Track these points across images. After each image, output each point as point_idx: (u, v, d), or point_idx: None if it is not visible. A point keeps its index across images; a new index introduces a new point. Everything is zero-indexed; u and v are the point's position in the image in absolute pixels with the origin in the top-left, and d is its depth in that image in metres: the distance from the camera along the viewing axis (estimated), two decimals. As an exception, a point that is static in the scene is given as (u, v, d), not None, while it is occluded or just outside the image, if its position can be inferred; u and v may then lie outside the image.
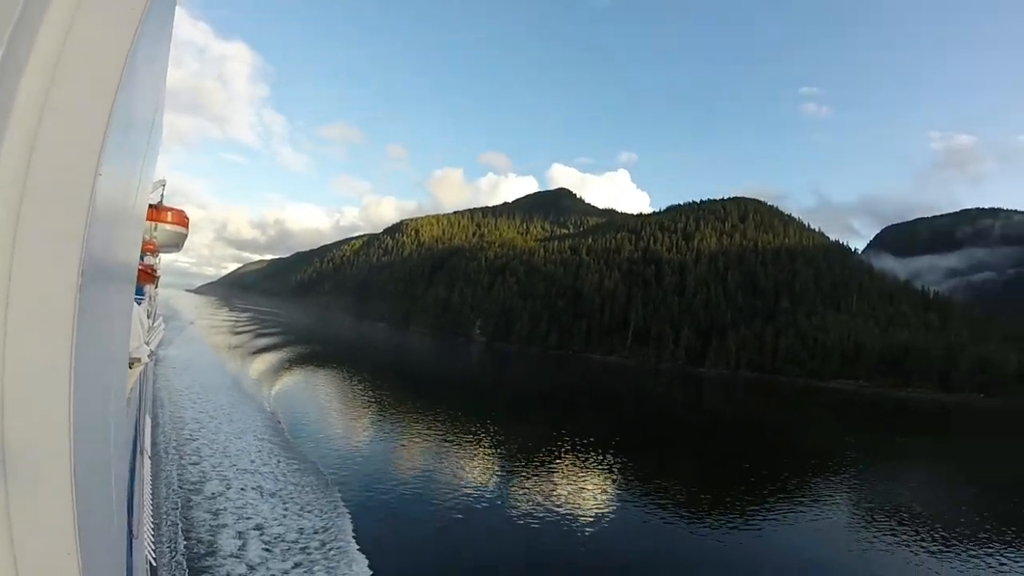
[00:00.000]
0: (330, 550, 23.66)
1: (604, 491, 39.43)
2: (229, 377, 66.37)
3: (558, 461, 46.00)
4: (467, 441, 49.77)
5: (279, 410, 52.88)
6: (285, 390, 66.22)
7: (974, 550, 34.67)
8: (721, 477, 49.31)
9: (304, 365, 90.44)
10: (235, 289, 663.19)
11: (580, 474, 42.99)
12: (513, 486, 38.25)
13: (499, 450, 48.02)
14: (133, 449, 10.17)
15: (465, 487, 36.74)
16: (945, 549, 34.63)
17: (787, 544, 34.12)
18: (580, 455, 48.85)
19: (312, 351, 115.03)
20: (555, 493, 37.34)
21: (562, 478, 41.35)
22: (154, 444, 29.65)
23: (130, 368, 6.47)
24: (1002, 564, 32.66)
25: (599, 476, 42.94)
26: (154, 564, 10.49)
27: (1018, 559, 33.66)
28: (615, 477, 43.46)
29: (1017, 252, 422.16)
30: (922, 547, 34.60)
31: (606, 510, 35.32)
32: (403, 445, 47.53)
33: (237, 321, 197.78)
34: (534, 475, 41.29)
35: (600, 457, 48.69)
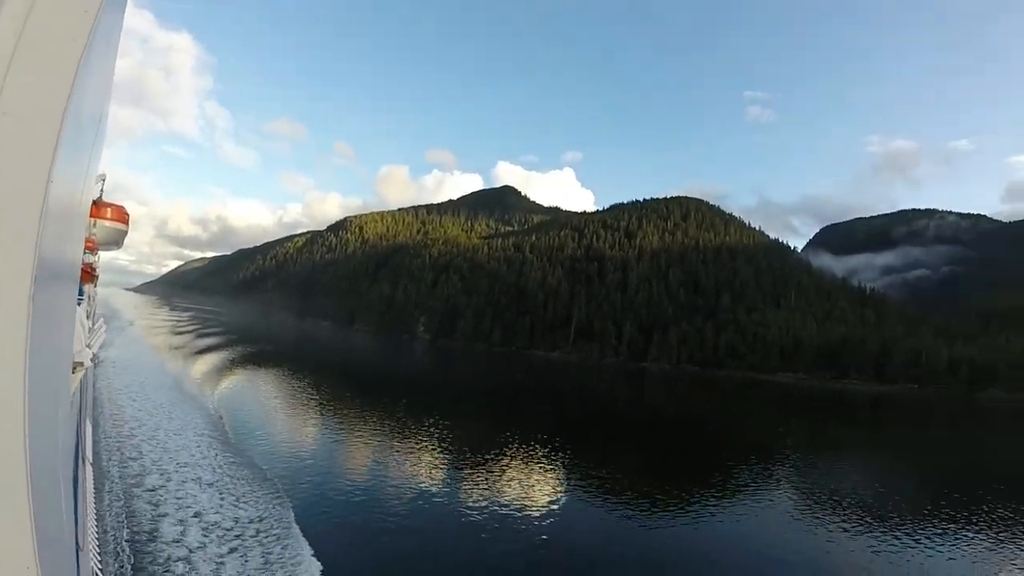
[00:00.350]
0: (265, 537, 24.84)
1: (548, 488, 39.48)
2: (170, 377, 65.22)
3: (502, 459, 45.77)
4: (410, 439, 49.48)
5: (220, 409, 52.91)
6: (226, 389, 65.79)
7: (905, 535, 35.83)
8: (664, 471, 49.86)
9: (246, 365, 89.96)
10: (176, 287, 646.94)
11: (524, 472, 42.79)
12: (457, 483, 38.33)
13: (442, 448, 47.84)
14: (76, 457, 9.77)
15: (408, 484, 36.74)
16: (878, 534, 35.64)
17: (730, 534, 34.47)
18: (524, 453, 48.70)
19: (255, 350, 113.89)
20: (500, 491, 37.23)
21: (506, 476, 41.13)
22: (95, 451, 30.36)
23: (72, 372, 6.33)
24: (928, 547, 34.13)
25: (543, 473, 42.96)
26: None
27: (944, 542, 35.14)
28: (559, 474, 43.57)
29: (951, 251, 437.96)
30: (857, 533, 35.65)
31: (550, 506, 35.36)
32: (345, 443, 47.74)
33: (178, 321, 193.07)
34: (478, 473, 41.11)
35: (544, 454, 48.68)
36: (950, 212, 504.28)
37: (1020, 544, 36.04)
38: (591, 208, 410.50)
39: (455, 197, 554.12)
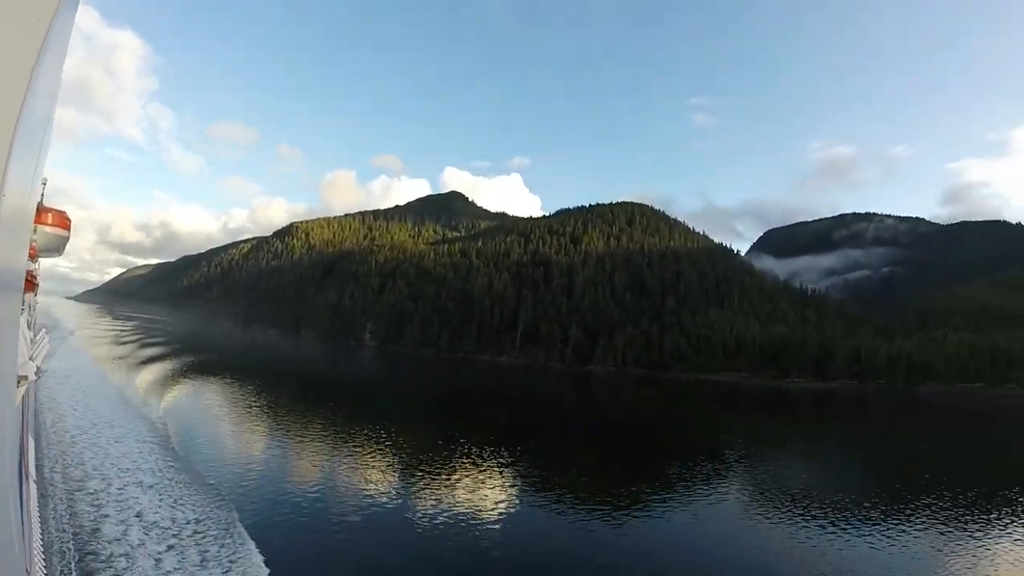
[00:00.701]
0: (202, 537, 25.76)
1: (495, 491, 39.70)
2: (112, 388, 64.84)
3: (448, 463, 45.99)
4: (356, 445, 49.73)
5: (164, 417, 53.20)
6: (170, 399, 65.60)
7: (845, 524, 37.34)
8: (611, 472, 50.14)
9: (190, 374, 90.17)
10: (119, 296, 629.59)
11: (470, 475, 43.06)
12: (403, 486, 38.86)
13: (388, 453, 48.09)
14: (19, 475, 9.35)
15: (354, 488, 37.43)
16: (821, 526, 36.95)
17: (678, 532, 35.51)
18: (470, 456, 49.01)
19: (199, 360, 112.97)
20: (446, 494, 37.67)
21: (453, 479, 41.40)
22: (38, 463, 30.20)
23: (16, 387, 6.15)
24: (870, 535, 35.62)
25: (489, 476, 43.21)
26: None
27: (877, 530, 36.70)
28: (505, 477, 43.84)
29: (890, 253, 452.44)
30: (801, 526, 36.91)
31: (497, 509, 35.67)
32: (290, 448, 47.94)
33: (121, 330, 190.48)
34: (424, 476, 41.40)
35: (490, 457, 49.22)
36: (889, 216, 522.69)
37: (948, 529, 37.72)
38: (538, 213, 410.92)
39: (402, 203, 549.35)
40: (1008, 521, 39.72)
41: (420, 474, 41.92)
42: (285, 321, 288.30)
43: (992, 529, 37.91)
